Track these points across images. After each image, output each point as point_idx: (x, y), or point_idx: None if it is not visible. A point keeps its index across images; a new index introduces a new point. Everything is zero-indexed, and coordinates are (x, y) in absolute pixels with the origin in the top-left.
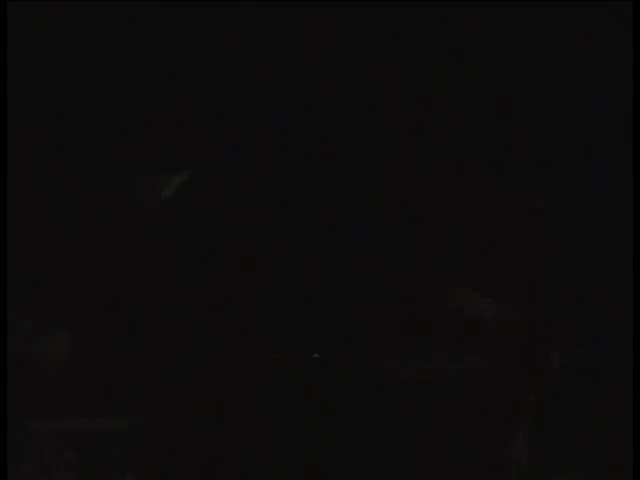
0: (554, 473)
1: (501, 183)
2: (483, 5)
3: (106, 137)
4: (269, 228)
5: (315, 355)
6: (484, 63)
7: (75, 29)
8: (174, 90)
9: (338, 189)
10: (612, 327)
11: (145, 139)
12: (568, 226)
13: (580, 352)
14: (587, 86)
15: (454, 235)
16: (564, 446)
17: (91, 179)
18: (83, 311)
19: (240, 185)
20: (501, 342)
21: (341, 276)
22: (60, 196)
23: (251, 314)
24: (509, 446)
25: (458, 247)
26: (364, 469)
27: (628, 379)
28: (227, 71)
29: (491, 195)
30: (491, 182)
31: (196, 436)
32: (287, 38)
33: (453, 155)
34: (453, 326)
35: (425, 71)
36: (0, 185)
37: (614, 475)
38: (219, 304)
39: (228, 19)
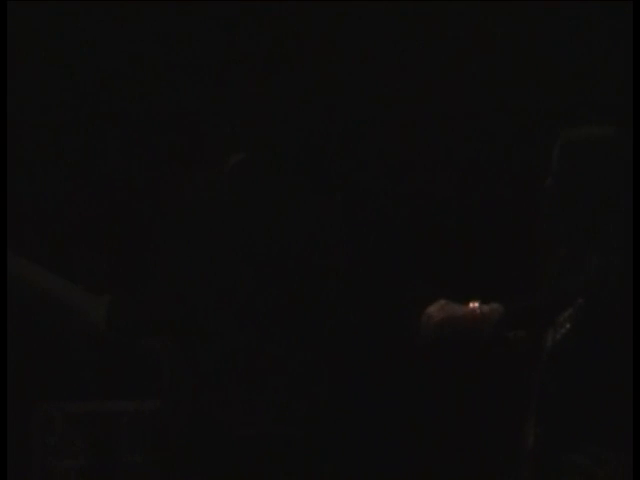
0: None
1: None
2: (483, 5)
3: None
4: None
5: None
6: (482, 63)
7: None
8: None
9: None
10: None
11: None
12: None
13: (570, 327)
14: (586, 86)
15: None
16: (569, 425)
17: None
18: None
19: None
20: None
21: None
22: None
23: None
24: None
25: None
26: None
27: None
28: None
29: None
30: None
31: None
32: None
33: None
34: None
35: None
36: (1, 183)
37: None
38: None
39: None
